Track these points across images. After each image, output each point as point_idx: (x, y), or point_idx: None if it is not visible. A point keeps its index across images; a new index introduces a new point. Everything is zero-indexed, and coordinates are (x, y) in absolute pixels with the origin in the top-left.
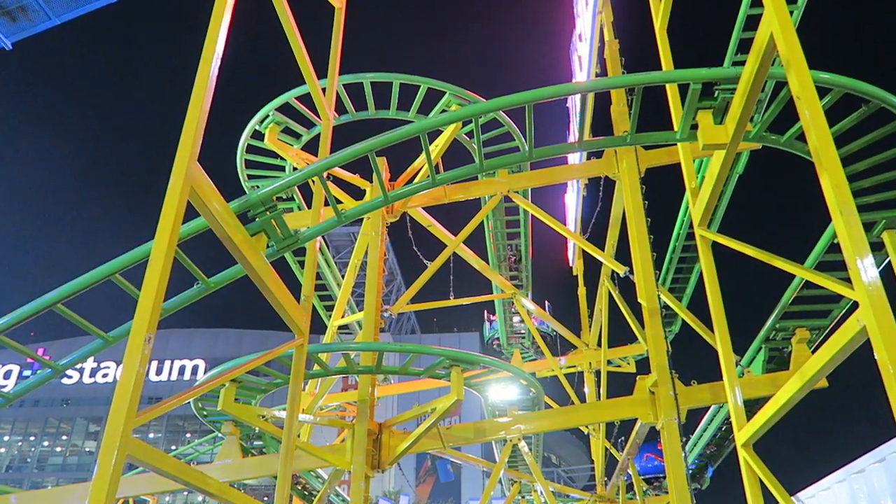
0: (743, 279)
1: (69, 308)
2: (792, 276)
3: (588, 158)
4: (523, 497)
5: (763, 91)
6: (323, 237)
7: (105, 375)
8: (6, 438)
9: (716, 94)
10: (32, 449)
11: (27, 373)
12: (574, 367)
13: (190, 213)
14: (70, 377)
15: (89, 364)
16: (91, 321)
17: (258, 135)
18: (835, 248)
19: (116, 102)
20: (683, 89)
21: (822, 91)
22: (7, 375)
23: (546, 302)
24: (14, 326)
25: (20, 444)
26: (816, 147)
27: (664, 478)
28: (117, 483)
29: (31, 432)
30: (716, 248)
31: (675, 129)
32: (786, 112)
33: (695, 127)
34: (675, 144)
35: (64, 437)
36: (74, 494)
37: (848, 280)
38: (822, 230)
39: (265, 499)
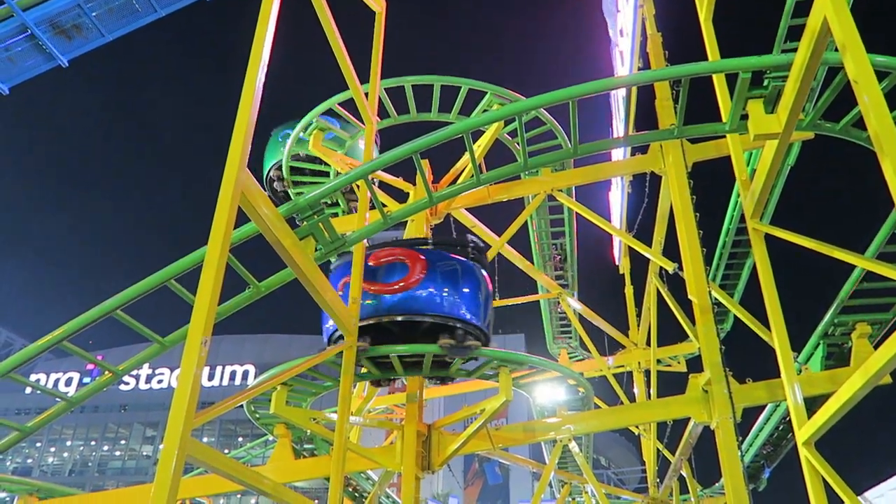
0: (796, 273)
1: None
2: (848, 270)
3: (632, 154)
4: (574, 499)
5: (815, 79)
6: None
7: (160, 381)
8: (68, 443)
9: (766, 83)
10: (93, 453)
11: (87, 380)
12: (623, 366)
13: (240, 219)
14: (127, 384)
15: (145, 371)
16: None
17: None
18: None
19: (168, 116)
20: (731, 80)
21: (879, 75)
22: (69, 382)
23: None
24: (77, 332)
25: (81, 448)
26: (877, 132)
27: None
28: (178, 481)
29: (91, 437)
30: (767, 241)
31: (724, 120)
32: (839, 99)
33: (744, 117)
34: (724, 137)
35: (122, 442)
36: (136, 496)
37: None
38: (877, 222)
39: (315, 501)
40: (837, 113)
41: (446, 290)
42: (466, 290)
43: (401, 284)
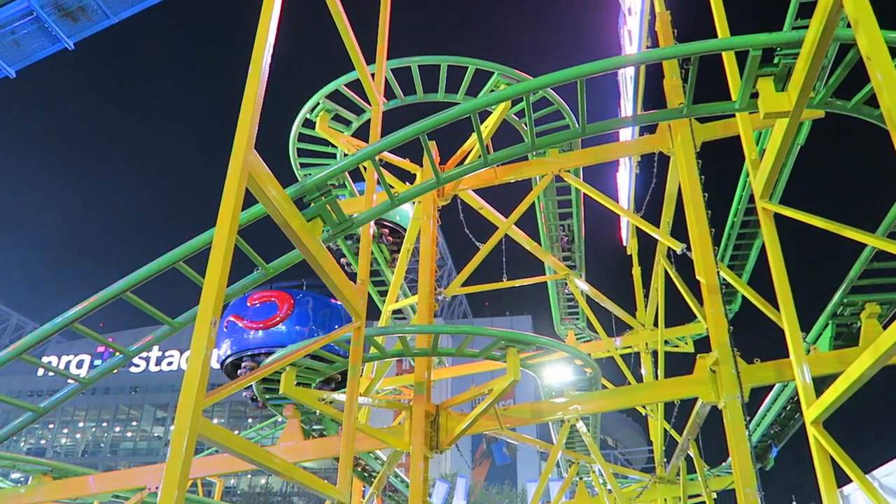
0: (805, 253)
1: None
2: (858, 251)
3: (640, 135)
4: (581, 479)
5: (826, 56)
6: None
7: (170, 364)
8: (81, 425)
9: (777, 61)
10: (105, 434)
11: (98, 362)
12: (630, 347)
13: (248, 201)
14: (137, 366)
15: (155, 353)
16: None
17: (309, 123)
18: None
19: (176, 98)
20: (741, 58)
21: (892, 51)
22: (80, 365)
23: None
24: (88, 314)
25: (94, 429)
26: (890, 109)
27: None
28: (190, 461)
29: (103, 419)
30: (776, 221)
31: (734, 98)
32: (851, 77)
33: (754, 96)
34: (733, 116)
35: (134, 423)
36: (148, 475)
37: None
38: (888, 200)
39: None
40: (849, 91)
41: (310, 325)
42: (335, 325)
43: (272, 321)
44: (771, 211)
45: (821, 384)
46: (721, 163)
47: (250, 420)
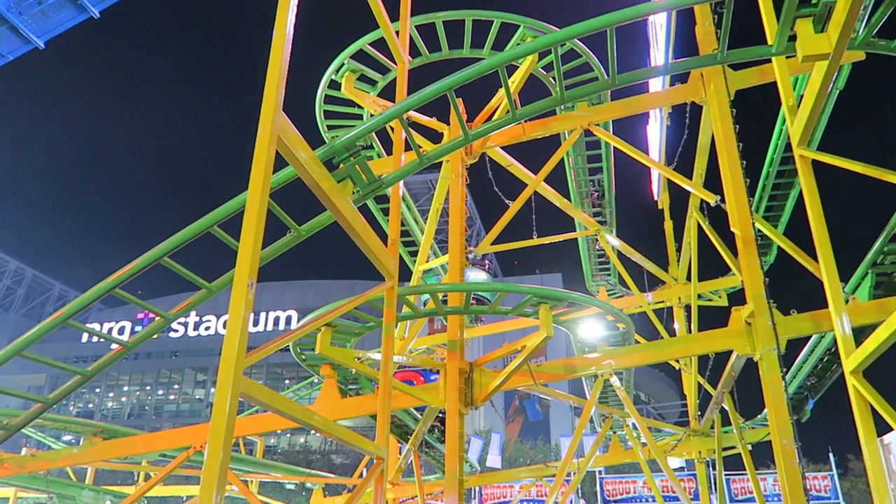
0: (842, 202)
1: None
2: None
3: (672, 85)
4: (614, 432)
5: None
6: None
7: (207, 328)
8: (125, 388)
9: (816, 0)
10: (149, 398)
11: (138, 328)
12: (662, 302)
13: (278, 164)
14: (176, 331)
15: (192, 318)
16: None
17: (335, 85)
18: None
19: (208, 63)
20: (777, 1)
21: None
22: (121, 331)
23: None
24: (128, 279)
25: (138, 393)
26: None
27: None
28: (234, 419)
29: (146, 382)
30: (813, 169)
31: (770, 43)
32: (894, 16)
33: (792, 39)
34: (769, 62)
35: (176, 387)
36: (193, 434)
37: None
38: None
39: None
40: (892, 30)
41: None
42: None
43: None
44: (809, 158)
45: (859, 334)
46: (754, 112)
47: (287, 381)
